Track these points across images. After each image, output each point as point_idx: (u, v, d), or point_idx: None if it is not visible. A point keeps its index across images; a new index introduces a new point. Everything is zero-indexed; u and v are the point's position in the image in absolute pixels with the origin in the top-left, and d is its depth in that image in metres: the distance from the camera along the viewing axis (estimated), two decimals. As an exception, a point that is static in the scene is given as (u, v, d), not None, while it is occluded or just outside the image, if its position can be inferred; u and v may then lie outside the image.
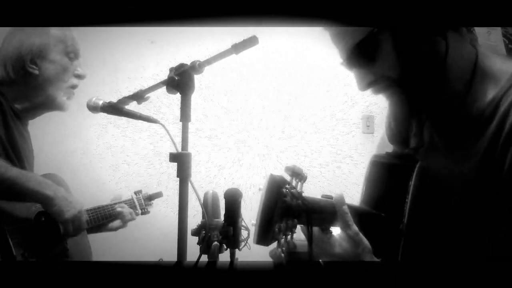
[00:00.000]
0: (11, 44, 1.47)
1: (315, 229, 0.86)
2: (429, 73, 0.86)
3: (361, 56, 0.86)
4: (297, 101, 2.77)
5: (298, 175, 0.79)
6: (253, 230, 0.88)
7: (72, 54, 1.52)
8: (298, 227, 0.82)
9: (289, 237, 0.75)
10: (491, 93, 0.84)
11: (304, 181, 0.80)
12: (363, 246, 0.82)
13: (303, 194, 0.78)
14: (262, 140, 2.75)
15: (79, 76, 1.54)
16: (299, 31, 2.68)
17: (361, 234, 0.82)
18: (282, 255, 0.74)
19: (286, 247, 0.74)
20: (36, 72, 1.45)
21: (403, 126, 1.08)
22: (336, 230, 0.85)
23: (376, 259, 0.82)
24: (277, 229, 0.73)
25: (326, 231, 0.85)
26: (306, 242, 0.82)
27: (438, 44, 0.84)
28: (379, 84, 0.88)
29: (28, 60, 1.44)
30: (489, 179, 0.81)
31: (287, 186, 0.75)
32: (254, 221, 0.76)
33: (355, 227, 0.82)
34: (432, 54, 0.85)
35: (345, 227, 0.83)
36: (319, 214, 0.83)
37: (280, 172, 0.78)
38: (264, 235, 0.73)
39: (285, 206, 0.74)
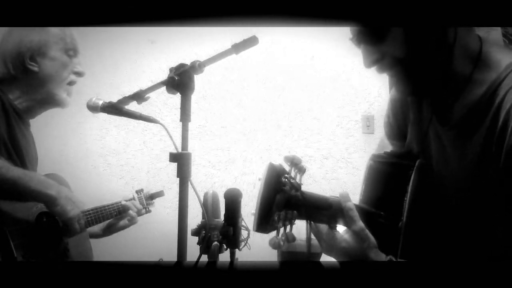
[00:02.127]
0: (11, 41, 1.46)
1: (324, 226, 0.88)
2: (435, 59, 0.87)
3: (371, 33, 0.87)
4: (297, 101, 2.77)
5: (297, 165, 0.79)
6: (251, 223, 0.89)
7: (71, 51, 1.52)
8: (304, 225, 0.83)
9: (288, 228, 0.76)
10: (487, 82, 0.85)
11: (303, 173, 0.81)
12: (369, 241, 0.84)
13: (302, 188, 0.78)
14: (262, 140, 2.75)
15: (78, 74, 1.54)
16: (300, 31, 2.68)
17: (366, 230, 0.84)
18: (281, 243, 0.74)
19: (285, 238, 0.75)
20: (36, 69, 1.45)
21: (402, 119, 1.08)
22: (342, 227, 0.87)
23: (381, 254, 0.83)
24: (276, 218, 0.74)
25: (334, 228, 0.87)
26: (306, 242, 0.83)
27: (447, 31, 0.85)
28: (385, 62, 0.88)
29: (28, 57, 1.44)
30: (487, 176, 0.82)
31: (286, 175, 0.76)
32: (253, 211, 0.76)
33: (360, 223, 0.84)
34: (441, 40, 0.86)
35: (351, 222, 0.84)
36: (323, 210, 0.84)
37: (280, 162, 0.78)
38: (263, 222, 0.74)
39: (284, 196, 0.74)
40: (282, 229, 0.75)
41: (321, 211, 0.83)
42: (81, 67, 1.55)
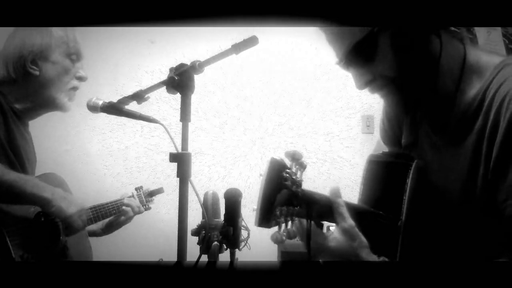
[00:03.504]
0: (13, 43, 1.45)
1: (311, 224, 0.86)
2: (424, 72, 0.87)
3: (359, 56, 0.86)
4: (297, 101, 2.77)
5: (298, 161, 0.79)
6: (250, 222, 0.88)
7: (74, 56, 1.51)
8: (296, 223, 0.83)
9: (289, 224, 0.76)
10: (476, 87, 0.85)
11: (304, 169, 0.80)
12: (359, 240, 0.82)
13: (303, 186, 0.78)
14: (262, 140, 2.75)
15: (80, 78, 1.53)
16: (299, 31, 2.68)
17: (356, 228, 0.82)
18: (284, 238, 0.74)
19: (287, 235, 0.75)
20: (37, 73, 1.44)
21: (397, 126, 1.08)
22: (332, 226, 0.85)
23: (373, 255, 0.82)
24: (278, 213, 0.74)
25: (320, 226, 0.86)
26: (306, 241, 0.82)
27: (433, 43, 0.86)
28: (376, 83, 0.88)
29: (29, 60, 1.42)
30: (478, 177, 0.82)
31: (287, 170, 0.76)
32: (255, 206, 0.76)
33: (350, 220, 0.82)
34: (428, 53, 0.86)
35: (340, 219, 0.82)
36: (316, 206, 0.83)
37: (281, 156, 0.78)
38: (265, 217, 0.74)
39: (286, 191, 0.74)
40: (283, 225, 0.75)
41: (312, 206, 0.82)
42: (84, 72, 1.54)
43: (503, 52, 1.93)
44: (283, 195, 0.74)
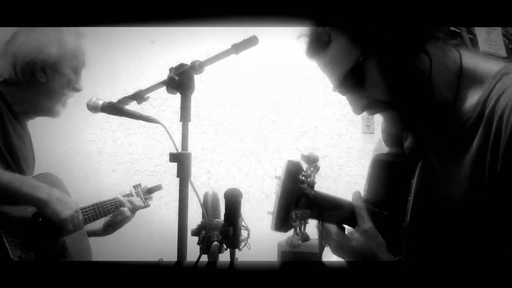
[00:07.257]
0: (26, 45, 1.42)
1: (333, 226, 0.89)
2: (418, 91, 0.87)
3: (351, 84, 0.87)
4: (297, 101, 2.77)
5: (313, 163, 0.80)
6: (251, 222, 0.89)
7: (79, 69, 1.52)
8: (314, 224, 0.84)
9: (302, 227, 0.77)
10: (476, 96, 0.84)
11: (317, 171, 0.81)
12: (378, 241, 0.85)
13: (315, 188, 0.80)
14: (262, 140, 2.75)
15: (75, 90, 1.54)
16: (299, 31, 2.67)
17: (375, 229, 0.85)
18: (299, 242, 0.76)
19: (301, 238, 0.76)
20: (43, 80, 1.44)
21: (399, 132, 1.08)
22: (351, 228, 0.89)
23: (390, 254, 0.84)
24: (294, 217, 0.75)
25: (343, 228, 0.88)
26: (318, 242, 0.84)
27: (422, 61, 0.85)
28: (373, 107, 0.90)
29: (39, 67, 1.42)
30: (482, 186, 0.81)
31: (303, 173, 0.77)
32: (270, 209, 0.76)
33: (370, 222, 0.86)
34: (418, 72, 0.85)
35: (361, 221, 0.86)
36: (335, 210, 0.85)
37: (297, 158, 0.79)
38: (283, 221, 0.75)
39: (301, 194, 0.75)
40: (298, 228, 0.76)
41: (333, 211, 0.85)
42: (80, 84, 1.54)
43: (503, 52, 1.93)
44: (298, 198, 0.75)
